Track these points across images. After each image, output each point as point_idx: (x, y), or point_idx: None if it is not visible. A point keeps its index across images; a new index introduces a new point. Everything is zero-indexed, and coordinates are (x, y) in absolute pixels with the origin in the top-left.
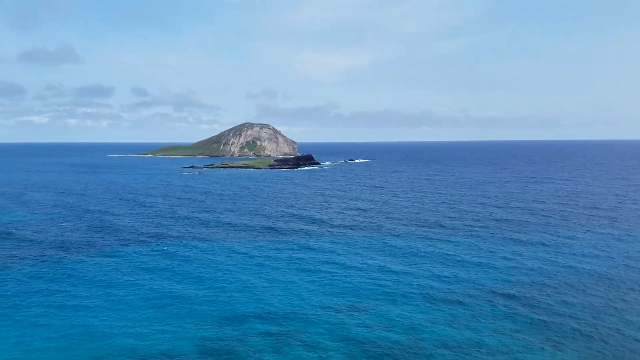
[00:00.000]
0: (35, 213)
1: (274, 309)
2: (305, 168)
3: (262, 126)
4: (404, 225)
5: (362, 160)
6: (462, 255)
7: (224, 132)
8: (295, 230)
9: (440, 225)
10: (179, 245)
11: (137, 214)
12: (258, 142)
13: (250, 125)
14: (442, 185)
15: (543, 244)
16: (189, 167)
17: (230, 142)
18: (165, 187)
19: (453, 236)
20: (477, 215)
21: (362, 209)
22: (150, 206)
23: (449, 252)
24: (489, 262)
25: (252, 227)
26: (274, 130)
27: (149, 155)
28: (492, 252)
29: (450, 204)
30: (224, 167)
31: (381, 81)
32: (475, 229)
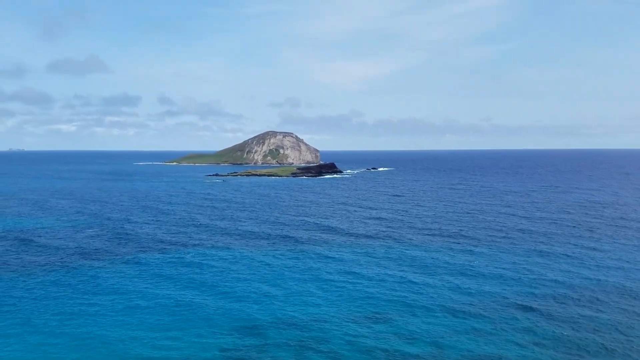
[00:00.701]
0: (58, 220)
1: (293, 318)
2: (328, 176)
3: (285, 134)
4: (425, 235)
5: (385, 168)
6: (485, 267)
7: (248, 140)
8: (314, 240)
9: (463, 235)
10: (198, 253)
11: (158, 221)
12: (281, 150)
13: (273, 134)
14: (466, 195)
15: (568, 256)
16: (213, 175)
17: (254, 150)
18: (188, 194)
19: (476, 247)
20: (501, 226)
21: (382, 218)
22: (172, 214)
23: (471, 263)
24: (512, 273)
25: (272, 235)
26: (297, 139)
27: (174, 163)
28: (515, 263)
29: (473, 213)
30: (247, 175)
31: (405, 89)
32: (499, 239)
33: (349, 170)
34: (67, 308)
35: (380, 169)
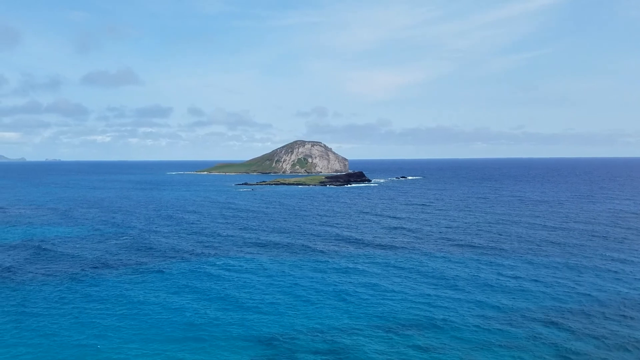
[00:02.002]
0: (82, 229)
1: (313, 332)
2: (356, 185)
3: (314, 143)
4: (452, 246)
5: (413, 177)
6: (513, 279)
7: (276, 149)
8: (338, 251)
9: (491, 247)
10: (220, 264)
11: (182, 231)
12: (309, 159)
13: (302, 143)
14: (495, 204)
15: (601, 269)
16: (242, 184)
17: (282, 160)
18: (215, 204)
19: (504, 258)
20: (530, 236)
21: (408, 229)
22: (197, 223)
23: (499, 276)
24: (541, 287)
25: (295, 246)
26: (325, 148)
27: (205, 172)
28: (544, 276)
29: (502, 223)
30: (276, 184)
31: (433, 98)
32: (527, 251)
33: (377, 179)
34: (81, 319)
35: (410, 177)
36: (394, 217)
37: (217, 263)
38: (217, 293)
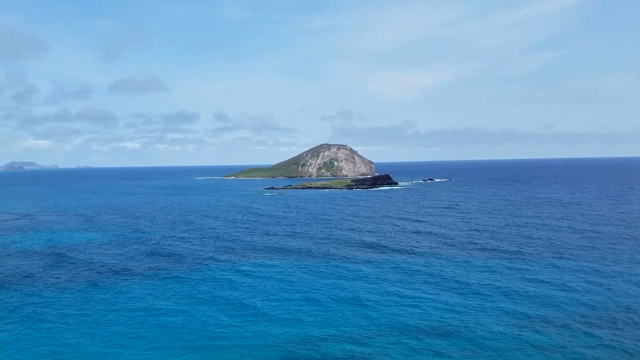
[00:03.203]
0: (103, 235)
1: (337, 340)
2: (383, 188)
3: (339, 147)
4: (479, 250)
5: (440, 179)
6: (541, 285)
7: (302, 153)
8: (361, 257)
9: (519, 251)
10: (240, 271)
11: (203, 237)
12: (335, 163)
13: (328, 146)
14: (524, 206)
15: (632, 274)
16: (269, 188)
17: (308, 163)
18: (240, 208)
19: (532, 263)
20: (560, 241)
21: (434, 233)
22: (221, 229)
23: (526, 282)
24: (570, 293)
25: (315, 252)
26: (351, 151)
27: (232, 177)
28: (573, 281)
29: (531, 227)
30: (302, 188)
31: (460, 99)
32: (557, 256)
33: (403, 182)
34: (103, 326)
35: (437, 179)
36: (419, 221)
37: (238, 269)
38: (237, 300)
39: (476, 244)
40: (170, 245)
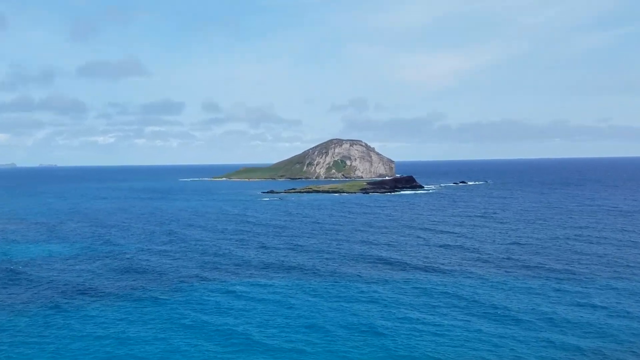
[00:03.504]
0: (66, 248)
1: None
2: (404, 192)
3: (353, 142)
4: (519, 268)
5: (475, 182)
6: (595, 311)
7: (308, 150)
8: (376, 276)
9: (569, 270)
10: (229, 291)
11: (188, 249)
12: (348, 162)
13: (339, 142)
14: (576, 216)
15: None
16: (268, 192)
17: (315, 162)
18: (232, 217)
19: (585, 285)
20: (620, 257)
21: (465, 248)
22: (208, 241)
23: (577, 307)
24: (630, 322)
25: (321, 270)
26: (367, 147)
27: (224, 178)
28: (634, 307)
29: (584, 240)
30: (308, 192)
31: (499, 86)
32: (615, 276)
33: (430, 185)
34: (64, 357)
35: (470, 182)
36: (447, 232)
37: (228, 289)
38: (227, 327)
39: (516, 260)
40: (147, 260)
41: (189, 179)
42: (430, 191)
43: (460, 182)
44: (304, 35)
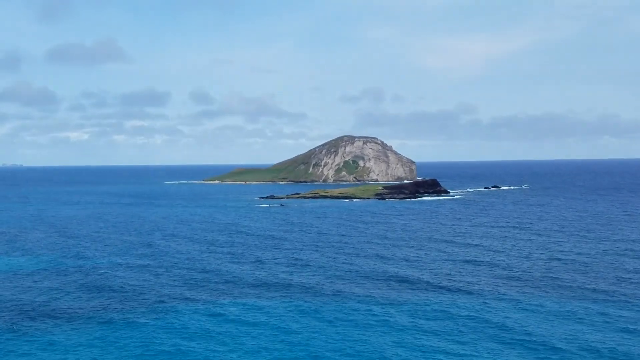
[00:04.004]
0: (25, 262)
1: None
2: (427, 198)
3: (367, 140)
4: (560, 288)
5: (509, 187)
6: None
7: (314, 149)
8: (389, 297)
9: (619, 292)
10: (214, 314)
11: (169, 264)
12: (361, 162)
13: (350, 139)
14: (628, 227)
15: None
16: (267, 198)
17: (323, 163)
18: (222, 226)
19: (638, 309)
20: None
21: (496, 264)
22: (193, 254)
23: (630, 335)
24: None
25: (327, 289)
26: (383, 145)
27: (215, 181)
28: None
29: (636, 256)
30: (314, 197)
31: (538, 74)
32: None
33: (457, 190)
34: None
35: (504, 187)
36: (475, 246)
37: (216, 312)
38: (211, 356)
39: (555, 279)
40: (123, 276)
41: (175, 182)
42: (457, 197)
43: (493, 187)
44: (309, 14)
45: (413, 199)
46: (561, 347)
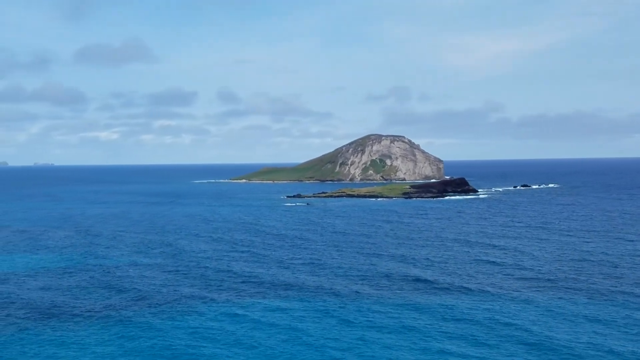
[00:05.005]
0: (46, 260)
1: None
2: (454, 197)
3: (394, 139)
4: (590, 292)
5: (539, 186)
6: None
7: (341, 148)
8: (411, 300)
9: None
10: (227, 316)
11: (192, 266)
12: (388, 161)
13: (377, 138)
14: None
15: None
16: (294, 197)
17: (349, 162)
18: (249, 225)
19: None
20: None
21: (524, 267)
22: (211, 253)
23: None
24: None
25: (346, 291)
26: (410, 144)
27: (243, 180)
28: None
29: None
30: (340, 196)
31: (568, 71)
32: None
33: (486, 189)
34: None
35: (533, 186)
36: (502, 248)
37: (229, 312)
38: (224, 359)
39: (583, 282)
40: (143, 275)
41: (203, 181)
42: (485, 196)
43: (522, 186)
44: (334, 11)
45: (440, 198)
46: (585, 352)
